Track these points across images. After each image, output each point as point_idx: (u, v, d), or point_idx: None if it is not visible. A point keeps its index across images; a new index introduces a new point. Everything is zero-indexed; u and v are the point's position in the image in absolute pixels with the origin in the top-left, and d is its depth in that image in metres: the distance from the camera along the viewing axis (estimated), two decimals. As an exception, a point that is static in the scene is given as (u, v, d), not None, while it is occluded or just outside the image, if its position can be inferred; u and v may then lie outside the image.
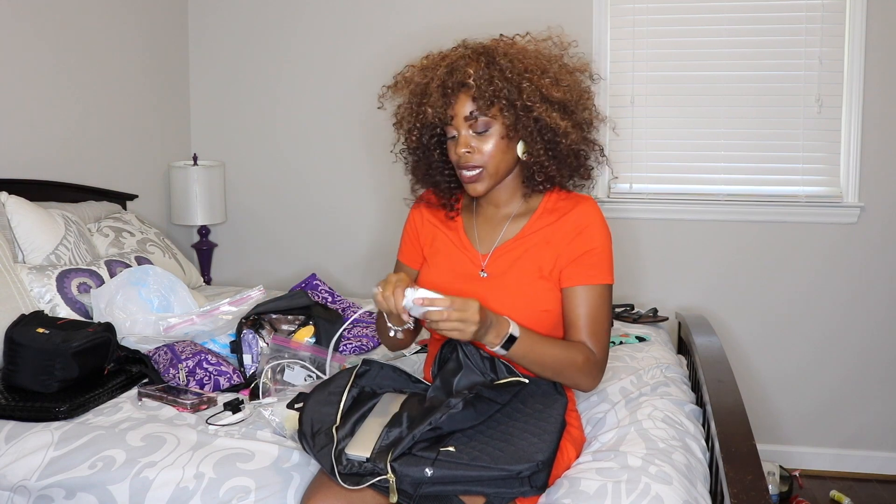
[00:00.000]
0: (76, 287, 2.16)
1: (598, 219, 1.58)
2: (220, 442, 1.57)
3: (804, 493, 2.81)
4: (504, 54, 1.53)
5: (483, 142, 1.52)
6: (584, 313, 1.54)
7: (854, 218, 2.92)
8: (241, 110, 3.40)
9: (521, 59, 1.53)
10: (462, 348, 1.52)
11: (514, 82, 1.49)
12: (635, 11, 3.01)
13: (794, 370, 3.04)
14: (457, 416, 1.35)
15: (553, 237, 1.57)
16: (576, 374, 1.52)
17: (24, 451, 1.57)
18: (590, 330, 1.54)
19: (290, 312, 2.04)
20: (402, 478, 1.28)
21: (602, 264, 1.56)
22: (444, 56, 1.56)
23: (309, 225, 3.40)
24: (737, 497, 1.29)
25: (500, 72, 1.49)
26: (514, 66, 1.50)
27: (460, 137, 1.53)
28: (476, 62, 1.51)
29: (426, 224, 1.72)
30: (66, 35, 2.69)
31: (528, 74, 1.51)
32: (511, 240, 1.61)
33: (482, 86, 1.49)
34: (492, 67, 1.50)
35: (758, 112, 2.97)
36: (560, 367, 1.50)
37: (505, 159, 1.55)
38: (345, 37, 3.26)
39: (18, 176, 2.45)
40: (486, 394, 1.41)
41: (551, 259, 1.56)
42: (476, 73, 1.50)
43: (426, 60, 1.59)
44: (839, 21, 2.87)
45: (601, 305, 1.55)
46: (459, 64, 1.52)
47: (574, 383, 1.55)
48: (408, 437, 1.31)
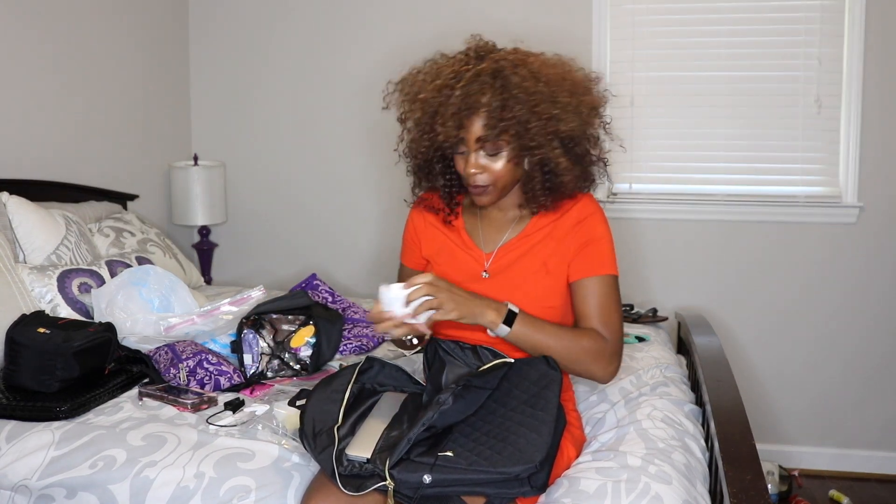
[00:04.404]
0: (77, 287, 2.16)
1: (596, 210, 1.60)
2: (220, 441, 1.57)
3: (803, 493, 2.81)
4: (517, 76, 1.49)
5: (493, 162, 1.52)
6: (593, 303, 1.55)
7: (853, 218, 2.93)
8: (242, 110, 3.40)
9: (533, 83, 1.49)
10: (440, 345, 1.54)
11: (525, 115, 1.48)
12: (635, 12, 3.01)
13: (794, 369, 3.04)
14: (448, 411, 1.34)
15: (555, 232, 1.59)
16: (587, 360, 1.51)
17: (24, 451, 1.58)
18: (601, 319, 1.54)
19: (291, 312, 2.04)
20: (401, 484, 1.29)
21: (605, 255, 1.57)
22: (455, 75, 1.51)
23: (309, 225, 3.40)
24: (736, 496, 1.29)
25: (514, 99, 1.47)
26: (528, 95, 1.48)
27: (470, 157, 1.52)
28: (491, 87, 1.48)
29: (427, 226, 1.72)
30: (67, 35, 2.70)
31: (538, 107, 1.48)
32: (514, 238, 1.62)
33: (494, 114, 1.47)
34: (505, 93, 1.47)
35: (757, 112, 2.98)
36: (568, 350, 1.50)
37: (513, 177, 1.56)
38: (345, 36, 3.26)
39: (19, 176, 2.46)
40: (475, 382, 1.40)
41: (555, 252, 1.57)
42: (490, 100, 1.47)
43: (433, 75, 1.55)
44: (838, 21, 2.87)
45: (609, 294, 1.56)
46: (473, 89, 1.47)
47: (588, 371, 1.53)
48: (403, 441, 1.31)
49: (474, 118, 1.49)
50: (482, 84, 1.48)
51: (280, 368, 1.96)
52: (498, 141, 1.49)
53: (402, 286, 1.40)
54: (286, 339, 1.98)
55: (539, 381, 1.44)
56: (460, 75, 1.50)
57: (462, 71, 1.51)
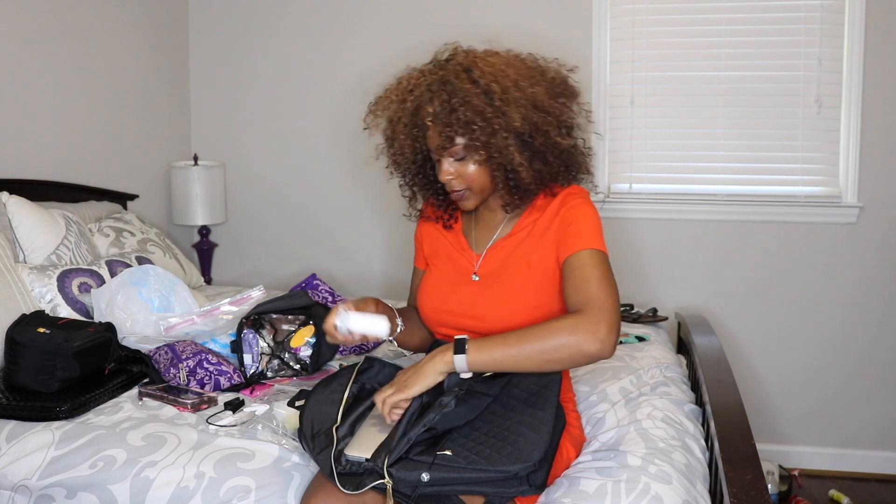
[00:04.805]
0: (77, 287, 2.16)
1: (577, 197, 1.55)
2: (220, 441, 1.57)
3: (803, 493, 2.82)
4: (460, 80, 1.49)
5: (464, 166, 1.53)
6: (574, 279, 1.45)
7: (853, 218, 2.93)
8: (242, 110, 3.40)
9: (474, 85, 1.49)
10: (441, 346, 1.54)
11: (469, 117, 1.47)
12: (635, 11, 3.01)
13: (794, 369, 3.04)
14: (450, 414, 1.34)
15: (538, 229, 1.58)
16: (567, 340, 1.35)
17: (24, 451, 1.58)
18: (581, 294, 1.41)
19: (291, 312, 2.04)
20: (400, 483, 1.29)
21: (585, 232, 1.49)
22: (412, 89, 1.54)
23: (309, 225, 3.40)
24: (736, 496, 1.29)
25: (458, 103, 1.47)
26: (471, 96, 1.47)
27: (441, 165, 1.54)
28: (438, 95, 1.49)
29: (431, 229, 1.75)
30: (67, 35, 2.70)
31: (480, 107, 1.46)
32: (503, 238, 1.62)
33: (441, 121, 1.49)
34: (454, 98, 1.48)
35: (757, 112, 2.98)
36: (543, 340, 1.36)
37: (488, 178, 1.55)
38: (345, 37, 3.27)
39: (19, 176, 2.46)
40: (478, 387, 1.40)
41: (537, 249, 1.56)
42: (435, 110, 1.49)
43: (398, 92, 1.57)
44: (838, 21, 2.87)
45: (592, 268, 1.44)
46: (423, 99, 1.51)
47: (577, 351, 1.35)
48: (403, 440, 1.31)
49: (429, 131, 1.51)
50: (431, 94, 1.51)
51: (280, 368, 1.96)
52: (454, 147, 1.50)
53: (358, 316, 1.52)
54: (286, 339, 1.98)
55: (539, 381, 1.44)
56: (415, 88, 1.54)
57: (417, 84, 1.54)
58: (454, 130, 1.49)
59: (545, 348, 1.36)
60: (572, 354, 1.36)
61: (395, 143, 1.59)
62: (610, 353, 1.37)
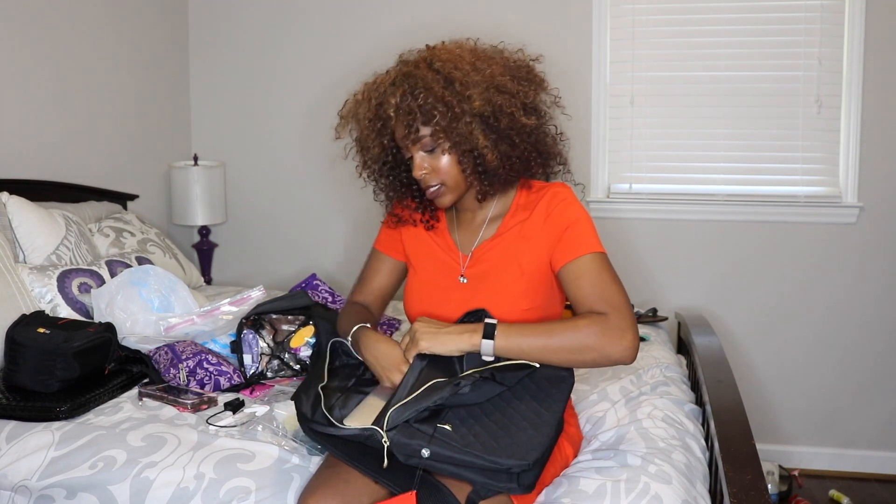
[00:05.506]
0: (77, 287, 2.16)
1: (566, 198, 1.55)
2: (220, 442, 1.57)
3: (803, 493, 2.82)
4: (420, 71, 1.51)
5: (436, 160, 1.52)
6: (586, 283, 1.46)
7: (853, 218, 2.93)
8: (241, 110, 3.40)
9: (433, 74, 1.50)
10: None
11: (429, 104, 1.48)
12: (635, 12, 3.01)
13: (794, 369, 3.05)
14: (463, 397, 1.35)
15: (527, 230, 1.56)
16: (594, 342, 1.38)
17: (24, 451, 1.58)
18: (598, 296, 1.43)
19: (291, 312, 2.04)
20: (396, 447, 1.29)
21: (584, 236, 1.50)
22: (377, 87, 1.56)
23: (309, 225, 3.40)
24: (736, 496, 1.29)
25: (418, 91, 1.48)
26: (431, 83, 1.48)
27: (414, 159, 1.54)
28: (400, 89, 1.50)
29: (412, 229, 1.71)
30: (67, 35, 2.70)
31: (439, 93, 1.48)
32: (488, 240, 1.60)
33: (402, 115, 1.49)
34: (416, 90, 1.49)
35: (757, 112, 2.98)
36: (569, 340, 1.39)
37: (461, 171, 1.54)
38: (345, 37, 3.27)
39: (19, 176, 2.46)
40: (496, 377, 1.38)
41: (528, 251, 1.54)
42: (397, 102, 1.50)
43: (364, 92, 1.59)
44: (838, 21, 2.87)
45: (601, 271, 1.46)
46: (386, 96, 1.52)
47: (602, 354, 1.39)
48: (411, 409, 1.31)
49: (396, 124, 1.52)
50: (394, 87, 1.51)
51: (280, 369, 1.96)
52: (419, 136, 1.50)
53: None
54: (286, 339, 1.98)
55: (551, 379, 1.43)
56: (380, 86, 1.55)
57: (381, 82, 1.56)
58: (417, 119, 1.49)
59: (572, 347, 1.40)
60: (596, 356, 1.40)
61: (364, 143, 1.59)
62: (632, 361, 1.41)
